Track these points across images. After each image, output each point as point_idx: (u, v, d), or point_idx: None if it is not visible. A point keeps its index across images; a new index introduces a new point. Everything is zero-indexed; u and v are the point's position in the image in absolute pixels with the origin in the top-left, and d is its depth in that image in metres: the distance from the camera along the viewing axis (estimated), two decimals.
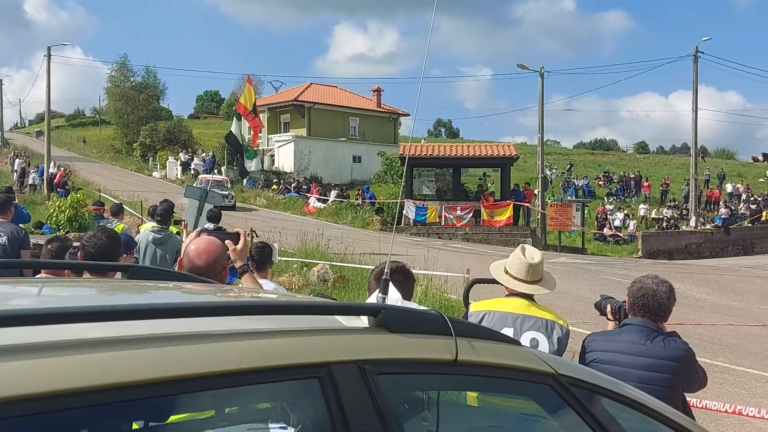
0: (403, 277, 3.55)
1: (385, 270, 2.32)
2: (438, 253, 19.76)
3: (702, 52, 38.45)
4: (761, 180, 53.83)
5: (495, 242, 30.54)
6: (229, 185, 35.84)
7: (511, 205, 31.90)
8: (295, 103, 48.84)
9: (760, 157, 70.48)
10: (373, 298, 2.49)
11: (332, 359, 1.65)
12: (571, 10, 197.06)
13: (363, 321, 1.83)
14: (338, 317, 1.86)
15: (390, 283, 2.27)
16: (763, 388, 8.99)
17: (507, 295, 3.96)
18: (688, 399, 3.98)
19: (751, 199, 43.28)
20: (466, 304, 4.31)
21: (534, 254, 3.94)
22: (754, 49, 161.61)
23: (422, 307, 2.66)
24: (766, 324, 14.34)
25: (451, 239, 31.22)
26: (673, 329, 3.90)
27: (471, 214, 31.94)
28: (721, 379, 9.11)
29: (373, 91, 53.83)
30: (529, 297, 3.90)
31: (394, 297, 2.27)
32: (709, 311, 16.05)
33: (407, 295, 3.57)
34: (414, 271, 13.42)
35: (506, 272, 3.95)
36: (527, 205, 33.95)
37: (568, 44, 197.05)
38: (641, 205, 40.65)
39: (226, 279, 3.60)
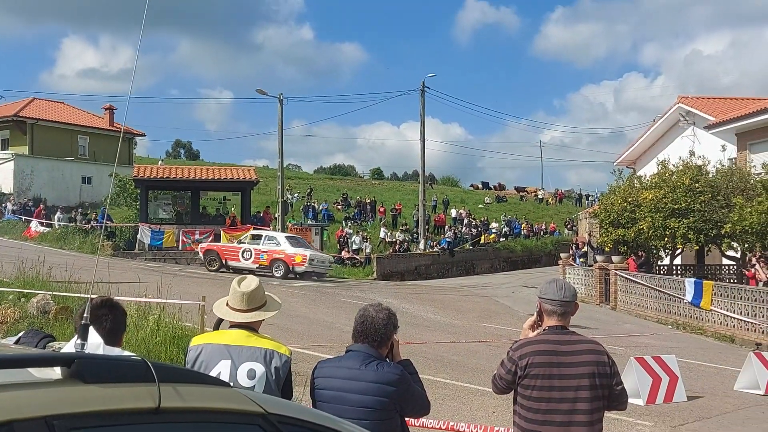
0: (108, 311, 3.38)
1: (85, 314, 2.18)
2: (174, 279, 19.10)
3: (428, 87, 41.69)
4: (480, 206, 59.16)
5: None
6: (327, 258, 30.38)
7: (251, 229, 31.89)
8: (15, 118, 44.76)
9: (480, 185, 77.55)
10: (71, 345, 2.33)
11: (15, 417, 1.52)
12: (310, 39, 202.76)
13: (56, 372, 1.71)
14: (30, 369, 1.72)
15: (90, 327, 2.14)
16: (478, 401, 9.79)
17: (230, 327, 3.98)
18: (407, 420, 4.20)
19: (473, 223, 47.36)
20: None
21: (250, 282, 4.02)
22: (473, 87, 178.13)
23: (126, 353, 2.54)
24: (483, 340, 15.70)
25: (189, 264, 30.44)
26: (407, 356, 4.11)
27: (210, 239, 31.41)
28: (442, 395, 9.78)
29: (105, 109, 50.98)
30: (250, 327, 3.95)
31: (94, 342, 2.13)
32: (435, 330, 17.21)
33: (115, 332, 3.40)
34: (146, 299, 12.78)
35: (227, 305, 3.98)
36: (267, 228, 34.15)
37: (307, 72, 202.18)
38: (382, 229, 42.49)
39: None
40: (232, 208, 36.60)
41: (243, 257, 27.12)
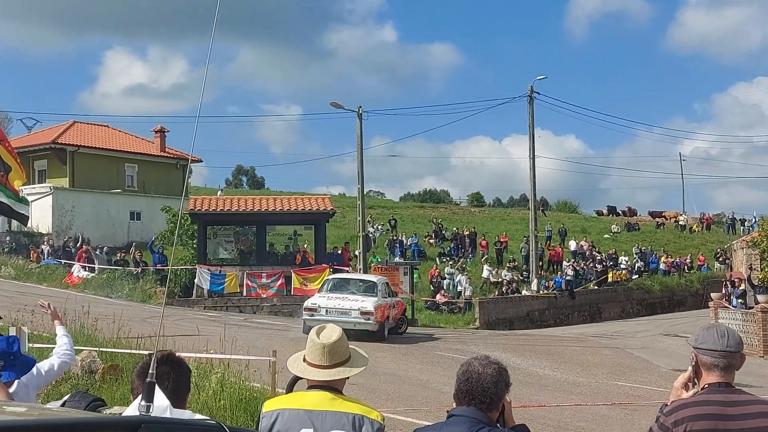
0: (171, 368, 3.47)
1: (150, 370, 2.26)
2: (238, 330, 19.52)
3: (537, 93, 41.48)
4: (606, 236, 58.04)
5: None
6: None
7: (328, 269, 32.23)
8: (53, 146, 46.74)
9: (605, 210, 76.17)
10: (135, 407, 2.41)
11: None
12: (393, 41, 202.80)
13: None
14: None
15: (156, 386, 2.21)
16: None
17: (308, 387, 4.01)
18: None
19: (597, 257, 46.45)
20: None
21: (332, 333, 4.05)
22: (591, 91, 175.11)
23: (198, 416, 2.60)
24: (615, 402, 15.34)
25: (255, 313, 31.01)
26: (522, 422, 4.05)
27: (280, 281, 31.93)
28: None
29: (156, 132, 52.70)
30: (332, 388, 3.97)
31: (161, 405, 2.20)
32: (554, 390, 16.92)
33: (178, 393, 3.48)
34: (207, 355, 13.09)
35: (304, 360, 4.01)
36: (347, 269, 34.48)
37: (390, 80, 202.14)
38: (485, 267, 42.09)
39: None
40: (305, 244, 37.15)
41: None
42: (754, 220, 58.10)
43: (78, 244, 38.88)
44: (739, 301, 31.14)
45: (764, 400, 3.85)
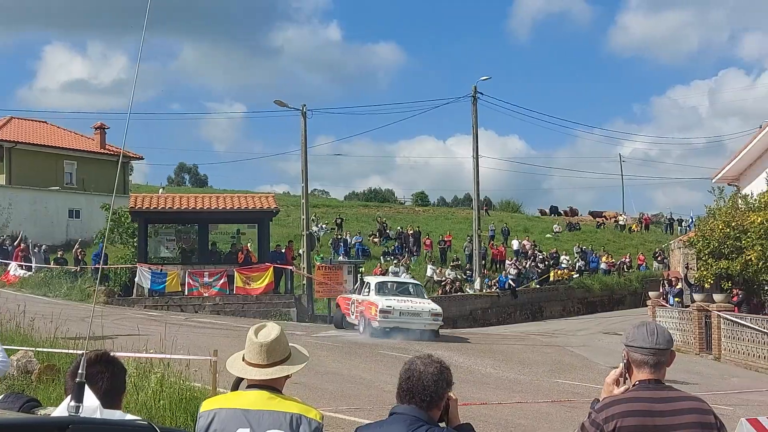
0: (105, 368, 3.41)
1: (80, 370, 2.21)
2: (179, 330, 19.31)
3: (481, 93, 41.76)
4: (548, 235, 58.72)
5: (252, 314, 30.46)
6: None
7: (272, 268, 32.07)
8: None
9: (547, 210, 77.06)
10: (63, 408, 2.36)
11: None
12: (337, 40, 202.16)
13: None
14: None
15: (86, 386, 2.17)
16: None
17: (247, 387, 3.99)
18: None
19: (539, 257, 46.90)
20: None
21: (270, 331, 4.03)
22: (534, 92, 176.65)
23: (129, 416, 2.56)
24: (556, 400, 15.52)
25: (197, 312, 30.70)
26: (464, 420, 4.05)
27: (222, 280, 31.69)
28: None
29: (96, 129, 52.00)
30: (271, 387, 3.95)
31: (90, 405, 2.16)
32: (496, 387, 17.06)
33: (113, 393, 3.42)
34: (146, 355, 12.92)
35: (243, 360, 3.99)
36: (290, 268, 34.32)
37: (334, 79, 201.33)
38: (429, 266, 42.34)
39: None
40: (248, 243, 36.87)
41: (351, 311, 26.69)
42: (691, 220, 59.24)
43: (16, 243, 38.14)
44: (676, 299, 31.68)
45: (693, 396, 3.91)
